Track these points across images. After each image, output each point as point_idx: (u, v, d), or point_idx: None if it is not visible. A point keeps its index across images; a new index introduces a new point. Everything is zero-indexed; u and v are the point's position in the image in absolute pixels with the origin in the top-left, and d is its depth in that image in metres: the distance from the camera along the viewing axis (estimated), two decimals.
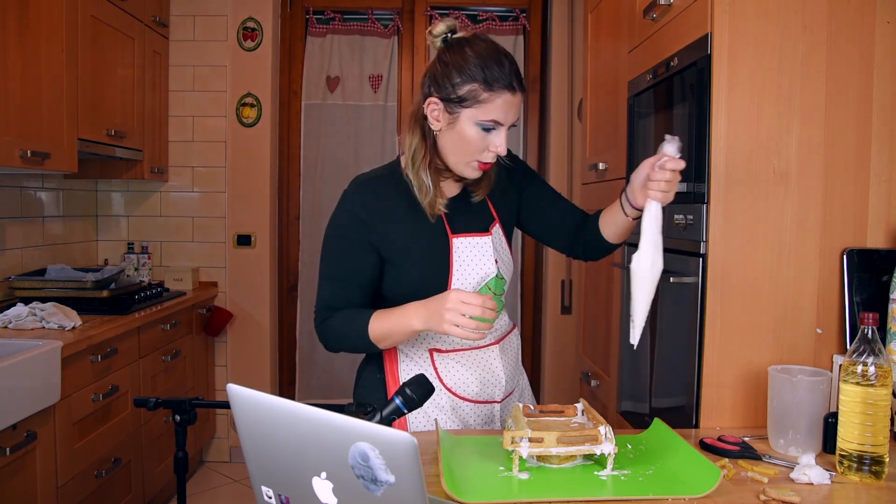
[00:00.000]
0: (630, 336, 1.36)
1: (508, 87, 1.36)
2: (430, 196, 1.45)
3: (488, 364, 1.54)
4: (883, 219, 1.53)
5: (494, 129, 1.39)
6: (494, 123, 1.38)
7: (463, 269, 1.48)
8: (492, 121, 1.37)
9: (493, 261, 1.51)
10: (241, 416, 0.87)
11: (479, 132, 1.39)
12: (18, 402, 1.94)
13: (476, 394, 1.53)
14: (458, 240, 1.49)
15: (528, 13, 3.93)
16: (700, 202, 1.56)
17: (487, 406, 1.54)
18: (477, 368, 1.53)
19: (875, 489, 1.19)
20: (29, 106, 2.39)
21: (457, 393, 1.52)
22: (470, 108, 1.37)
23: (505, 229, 1.57)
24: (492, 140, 1.39)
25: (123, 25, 3.07)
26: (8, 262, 2.84)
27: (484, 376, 1.53)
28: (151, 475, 2.91)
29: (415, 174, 1.46)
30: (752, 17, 1.51)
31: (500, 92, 1.36)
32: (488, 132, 1.39)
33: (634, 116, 2.07)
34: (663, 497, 1.13)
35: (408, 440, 0.71)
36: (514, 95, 1.37)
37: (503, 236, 1.56)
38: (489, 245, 1.51)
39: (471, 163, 1.43)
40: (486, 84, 1.36)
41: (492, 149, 1.40)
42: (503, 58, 1.38)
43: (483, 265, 1.50)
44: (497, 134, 1.39)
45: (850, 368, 1.21)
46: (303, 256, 3.92)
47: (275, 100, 3.78)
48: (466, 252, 1.49)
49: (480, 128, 1.38)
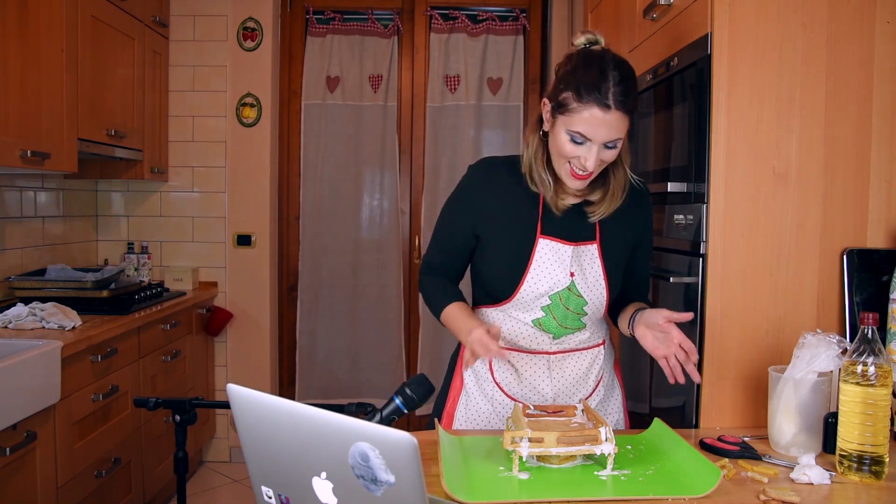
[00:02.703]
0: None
1: (599, 104, 1.33)
2: (551, 191, 1.47)
3: (532, 370, 1.55)
4: (883, 219, 1.53)
5: (583, 144, 1.36)
6: (581, 136, 1.36)
7: (539, 269, 1.48)
8: (577, 132, 1.36)
9: (568, 272, 1.48)
10: (241, 416, 0.87)
11: (568, 142, 1.38)
12: (18, 402, 1.94)
13: (517, 394, 1.55)
14: (543, 241, 1.49)
15: (528, 13, 3.93)
16: (700, 202, 1.56)
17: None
18: (522, 371, 1.55)
19: (875, 489, 1.19)
20: (29, 106, 2.39)
21: (501, 387, 1.56)
22: (563, 115, 1.37)
23: (604, 253, 1.51)
24: (581, 153, 1.37)
25: (123, 25, 3.07)
26: (8, 262, 2.84)
27: (527, 381, 1.55)
28: (151, 475, 2.91)
29: (536, 170, 1.48)
30: (752, 17, 1.51)
31: (589, 105, 1.33)
32: (578, 145, 1.37)
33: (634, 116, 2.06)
34: (663, 497, 1.13)
35: (408, 440, 0.71)
36: (605, 113, 1.33)
37: (598, 258, 1.50)
38: (569, 254, 1.48)
39: (565, 170, 1.42)
40: (578, 94, 1.34)
41: (580, 163, 1.38)
42: (610, 74, 1.34)
43: (557, 272, 1.48)
44: (586, 148, 1.36)
45: (850, 368, 1.21)
46: (303, 256, 3.92)
47: (275, 100, 3.78)
48: (547, 255, 1.48)
49: (570, 138, 1.37)
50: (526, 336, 1.52)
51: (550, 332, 1.51)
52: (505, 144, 3.94)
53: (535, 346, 1.53)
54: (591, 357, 1.58)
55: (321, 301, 3.92)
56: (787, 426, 1.35)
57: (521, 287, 1.48)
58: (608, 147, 1.37)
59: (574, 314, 1.50)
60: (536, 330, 1.51)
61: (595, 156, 1.36)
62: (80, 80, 2.69)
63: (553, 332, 1.51)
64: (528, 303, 1.49)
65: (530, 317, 1.50)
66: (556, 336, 1.52)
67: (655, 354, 1.41)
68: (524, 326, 1.52)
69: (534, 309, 1.50)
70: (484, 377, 1.57)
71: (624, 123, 1.36)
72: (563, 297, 1.48)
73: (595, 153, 1.36)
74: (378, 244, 3.92)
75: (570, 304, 1.49)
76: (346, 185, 3.92)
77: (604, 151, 1.37)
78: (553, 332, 1.51)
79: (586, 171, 1.39)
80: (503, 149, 3.92)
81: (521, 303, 1.50)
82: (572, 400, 1.56)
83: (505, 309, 1.53)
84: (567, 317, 1.50)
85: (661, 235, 1.81)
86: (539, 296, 1.48)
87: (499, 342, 1.39)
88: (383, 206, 3.96)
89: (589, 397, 1.58)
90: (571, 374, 1.55)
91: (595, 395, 1.58)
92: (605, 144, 1.36)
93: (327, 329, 3.92)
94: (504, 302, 1.52)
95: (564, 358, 1.55)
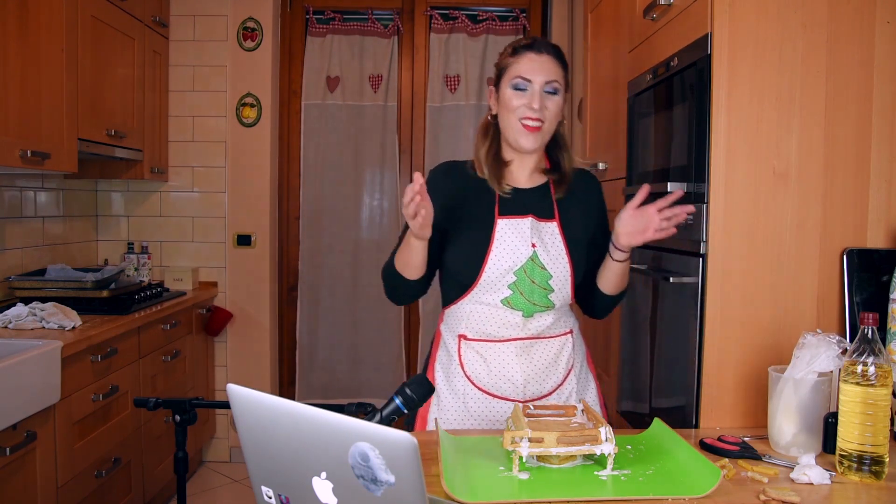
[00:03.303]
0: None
1: (532, 49, 1.54)
2: (493, 179, 1.58)
3: (502, 359, 1.57)
4: (883, 219, 1.53)
5: (526, 90, 1.53)
6: (522, 80, 1.53)
7: (500, 247, 1.55)
8: (519, 77, 1.53)
9: (529, 244, 1.54)
10: (241, 416, 0.87)
11: (513, 93, 1.54)
12: (18, 402, 1.94)
13: (487, 385, 1.56)
14: (502, 221, 1.56)
15: (528, 13, 3.93)
16: (700, 202, 1.56)
17: (504, 403, 1.56)
18: (491, 360, 1.57)
19: (875, 489, 1.19)
20: (29, 106, 2.39)
21: (472, 380, 1.57)
22: (504, 77, 1.56)
23: (565, 231, 1.59)
24: (526, 99, 1.53)
25: (123, 25, 3.07)
26: (8, 262, 2.84)
27: (496, 370, 1.56)
28: (151, 475, 2.91)
29: (480, 161, 1.61)
30: (752, 17, 1.51)
31: (524, 53, 1.54)
32: (521, 92, 1.53)
33: (634, 116, 2.07)
34: (663, 497, 1.13)
35: (408, 440, 0.71)
36: (539, 55, 1.53)
37: (560, 235, 1.58)
38: (528, 226, 1.56)
39: (516, 128, 1.55)
40: (514, 51, 1.57)
41: (522, 112, 1.53)
42: (537, 38, 1.60)
43: (518, 246, 1.54)
44: (529, 94, 1.52)
45: (850, 368, 1.21)
46: (303, 256, 3.92)
47: (275, 100, 3.78)
48: (508, 233, 1.56)
49: (513, 88, 1.54)
50: (496, 320, 1.56)
51: (520, 308, 1.55)
52: None
53: (505, 331, 1.56)
54: (560, 344, 1.61)
55: (321, 301, 3.92)
56: (787, 426, 1.35)
57: (486, 266, 1.53)
58: (548, 92, 1.53)
59: (541, 288, 1.55)
60: (506, 310, 1.55)
61: (538, 97, 1.52)
62: (80, 80, 2.69)
63: (523, 309, 1.55)
64: (495, 282, 1.54)
65: (499, 297, 1.55)
66: (526, 313, 1.56)
67: (645, 236, 1.46)
68: (493, 309, 1.56)
69: (501, 288, 1.54)
70: (454, 372, 1.59)
71: (557, 70, 1.54)
72: (527, 270, 1.54)
73: (538, 94, 1.52)
74: (378, 244, 3.92)
75: (535, 277, 1.54)
76: (346, 185, 3.92)
77: (546, 98, 1.53)
78: (523, 309, 1.55)
79: (534, 117, 1.52)
80: None
81: (488, 284, 1.55)
82: (544, 387, 1.58)
83: (473, 296, 1.57)
84: (534, 291, 1.54)
85: None
86: (504, 273, 1.53)
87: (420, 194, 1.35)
88: (383, 206, 3.96)
89: (561, 385, 1.60)
90: (541, 360, 1.58)
91: (567, 383, 1.61)
92: (545, 90, 1.53)
93: (327, 329, 3.92)
94: (471, 288, 1.56)
95: (533, 344, 1.58)
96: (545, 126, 1.54)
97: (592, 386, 1.68)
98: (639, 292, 1.99)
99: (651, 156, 1.96)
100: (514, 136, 1.55)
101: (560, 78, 1.54)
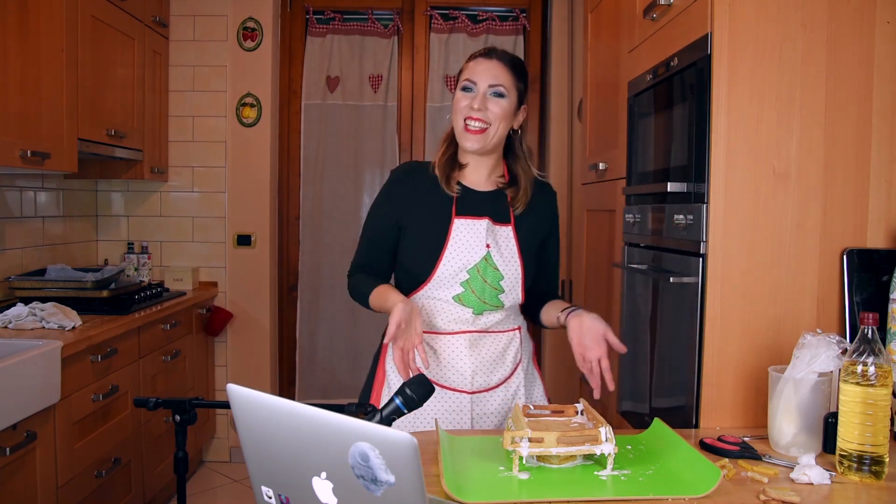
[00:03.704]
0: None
1: (481, 55, 1.62)
2: (442, 179, 1.64)
3: (451, 351, 1.61)
4: (883, 219, 1.53)
5: (472, 91, 1.59)
6: (469, 82, 1.60)
7: (455, 246, 1.60)
8: (466, 80, 1.60)
9: (484, 244, 1.59)
10: (241, 416, 0.87)
11: (461, 94, 1.61)
12: (18, 402, 1.94)
13: (436, 376, 1.60)
14: (459, 221, 1.61)
15: (528, 13, 3.93)
16: (700, 202, 1.56)
17: (454, 394, 1.60)
18: (441, 352, 1.61)
19: (875, 489, 1.19)
20: (29, 106, 2.39)
21: (421, 371, 1.59)
22: (459, 78, 1.64)
23: (518, 236, 1.65)
24: (469, 99, 1.58)
25: (123, 25, 3.07)
26: (8, 262, 2.84)
27: (446, 361, 1.60)
28: (151, 475, 2.91)
29: (436, 163, 1.67)
30: (752, 17, 1.51)
31: (476, 58, 1.62)
32: (467, 93, 1.59)
33: (634, 116, 2.07)
34: (663, 497, 1.13)
35: (408, 440, 0.71)
36: (487, 59, 1.60)
37: (514, 239, 1.64)
38: (483, 228, 1.61)
39: (461, 129, 1.60)
40: (469, 58, 1.65)
41: (465, 112, 1.58)
42: (495, 48, 1.65)
43: (473, 245, 1.60)
44: (473, 94, 1.59)
45: (850, 368, 1.21)
46: (303, 256, 3.92)
47: (275, 100, 3.78)
48: (463, 233, 1.61)
49: (461, 90, 1.61)
50: (446, 315, 1.61)
51: (470, 305, 1.60)
52: None
53: (454, 325, 1.61)
54: (507, 339, 1.66)
55: (321, 301, 3.92)
56: (787, 426, 1.35)
57: (440, 264, 1.59)
58: (493, 95, 1.58)
59: (492, 288, 1.60)
60: (457, 306, 1.60)
61: (481, 98, 1.57)
62: (80, 80, 2.69)
63: (473, 307, 1.60)
64: (448, 279, 1.59)
65: (450, 293, 1.60)
66: (476, 311, 1.60)
67: (586, 355, 1.53)
68: (444, 304, 1.60)
69: (453, 285, 1.59)
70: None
71: (505, 76, 1.59)
72: (480, 270, 1.59)
73: (481, 95, 1.57)
74: None
75: (487, 277, 1.59)
76: (346, 185, 3.92)
77: (490, 100, 1.58)
78: (473, 307, 1.60)
79: (476, 117, 1.57)
80: None
81: (441, 280, 1.59)
82: (491, 379, 1.62)
83: (426, 291, 1.62)
84: (485, 290, 1.60)
85: (661, 235, 1.81)
86: (458, 270, 1.58)
87: (419, 327, 1.47)
88: None
89: (509, 378, 1.65)
90: (489, 353, 1.63)
91: (514, 378, 1.66)
92: (490, 93, 1.58)
93: (327, 329, 3.92)
94: (425, 283, 1.61)
95: (482, 337, 1.63)
96: (489, 129, 1.58)
97: (539, 383, 1.75)
98: (639, 292, 1.99)
99: (651, 156, 1.96)
100: (460, 137, 1.62)
101: (507, 83, 1.59)
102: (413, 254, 1.63)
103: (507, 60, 1.61)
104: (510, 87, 1.59)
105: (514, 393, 1.66)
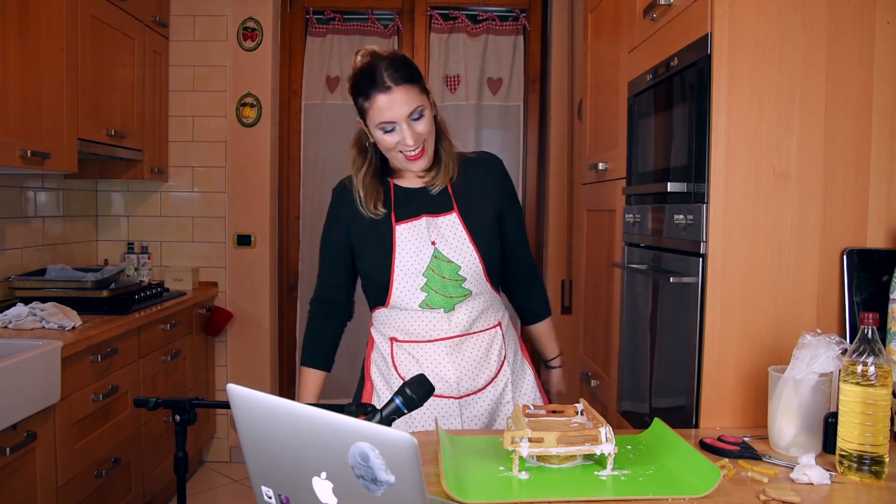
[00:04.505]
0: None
1: (379, 90, 1.47)
2: (364, 200, 1.61)
3: (433, 359, 1.60)
4: (883, 219, 1.53)
5: (393, 130, 1.50)
6: (386, 123, 1.50)
7: (403, 252, 1.58)
8: (381, 123, 1.50)
9: (429, 242, 1.57)
10: (241, 416, 0.87)
11: (383, 135, 1.52)
12: (18, 402, 1.94)
13: None
14: (400, 227, 1.60)
15: (528, 13, 3.93)
16: (700, 202, 1.56)
17: (442, 400, 1.60)
18: (423, 360, 1.61)
19: (875, 489, 1.19)
20: (29, 106, 2.39)
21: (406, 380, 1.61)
22: (367, 118, 1.53)
23: (465, 219, 1.61)
24: (398, 137, 1.51)
25: (123, 25, 3.07)
26: (8, 262, 2.84)
27: (429, 370, 1.59)
28: (151, 475, 2.91)
29: (357, 184, 1.63)
30: (752, 17, 1.51)
31: (374, 96, 1.48)
32: (391, 132, 1.51)
33: (634, 116, 2.07)
34: (663, 497, 1.13)
35: (408, 440, 0.71)
36: (388, 94, 1.47)
37: (461, 225, 1.60)
38: (423, 226, 1.59)
39: (401, 160, 1.56)
40: (364, 95, 1.50)
41: (399, 147, 1.52)
42: (379, 63, 1.49)
43: (419, 247, 1.58)
44: (398, 131, 1.50)
45: (850, 368, 1.21)
46: (303, 256, 3.92)
47: (275, 100, 3.78)
48: (407, 237, 1.59)
49: (382, 131, 1.52)
50: (420, 322, 1.60)
51: (439, 306, 1.59)
52: (505, 144, 3.94)
53: (433, 332, 1.60)
54: (489, 338, 1.65)
55: None
56: (787, 426, 1.35)
57: (394, 274, 1.58)
58: (414, 119, 1.50)
59: (452, 281, 1.58)
60: (427, 312, 1.59)
61: (408, 133, 1.49)
62: (80, 80, 2.69)
63: (442, 306, 1.59)
64: (407, 289, 1.59)
65: (416, 302, 1.59)
66: (446, 309, 1.59)
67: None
68: (415, 314, 1.60)
69: (415, 292, 1.59)
70: (389, 374, 1.64)
71: (413, 94, 1.48)
72: (434, 269, 1.58)
73: (407, 131, 1.49)
74: None
75: (444, 272, 1.58)
76: None
77: (414, 125, 1.50)
78: (442, 306, 1.59)
79: (413, 149, 1.51)
80: (503, 148, 3.92)
81: (401, 292, 1.59)
82: (477, 382, 1.62)
83: (393, 307, 1.63)
84: (447, 286, 1.58)
85: (661, 235, 1.81)
86: (413, 277, 1.57)
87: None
88: None
89: (495, 377, 1.64)
90: (472, 357, 1.62)
91: (501, 375, 1.65)
92: (411, 119, 1.49)
93: None
94: (388, 299, 1.61)
95: (463, 341, 1.61)
96: (427, 147, 1.55)
97: (529, 374, 1.73)
98: (639, 292, 1.99)
99: (651, 156, 1.96)
100: (403, 165, 1.58)
101: (417, 99, 1.50)
102: (368, 270, 1.64)
103: (400, 78, 1.48)
104: (420, 98, 1.51)
105: (503, 390, 1.65)
